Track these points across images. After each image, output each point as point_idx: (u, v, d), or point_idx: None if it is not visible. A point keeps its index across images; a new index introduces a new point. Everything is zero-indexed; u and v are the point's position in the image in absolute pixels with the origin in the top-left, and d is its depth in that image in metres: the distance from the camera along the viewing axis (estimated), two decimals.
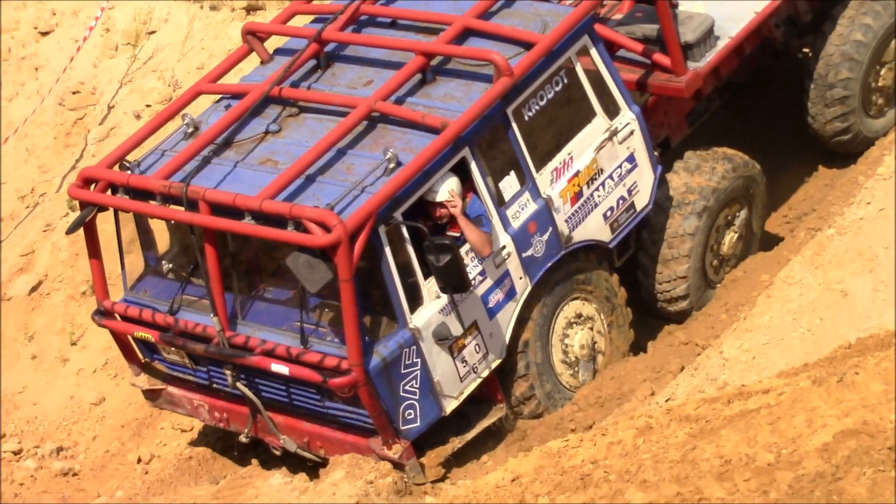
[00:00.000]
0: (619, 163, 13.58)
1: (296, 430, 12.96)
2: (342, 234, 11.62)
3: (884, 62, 15.10)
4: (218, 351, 12.64)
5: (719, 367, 13.06)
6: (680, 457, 9.53)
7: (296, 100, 13.14)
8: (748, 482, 8.97)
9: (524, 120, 12.97)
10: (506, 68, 12.58)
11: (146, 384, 13.71)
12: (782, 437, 9.28)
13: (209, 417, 13.53)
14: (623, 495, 9.29)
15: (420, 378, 12.47)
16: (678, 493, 9.09)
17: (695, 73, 14.02)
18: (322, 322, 12.49)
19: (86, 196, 13.02)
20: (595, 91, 13.40)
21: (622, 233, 13.79)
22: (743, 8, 14.45)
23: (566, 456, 10.40)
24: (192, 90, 13.91)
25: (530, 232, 13.00)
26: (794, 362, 12.19)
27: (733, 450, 9.36)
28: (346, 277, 11.72)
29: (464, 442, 12.94)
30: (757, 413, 9.76)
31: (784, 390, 10.04)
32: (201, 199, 12.25)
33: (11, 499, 14.08)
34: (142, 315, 13.15)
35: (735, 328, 13.46)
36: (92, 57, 18.65)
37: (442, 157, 12.40)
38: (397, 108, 12.68)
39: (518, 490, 10.12)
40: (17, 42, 19.44)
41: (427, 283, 12.36)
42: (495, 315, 12.89)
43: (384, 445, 12.43)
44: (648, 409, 11.87)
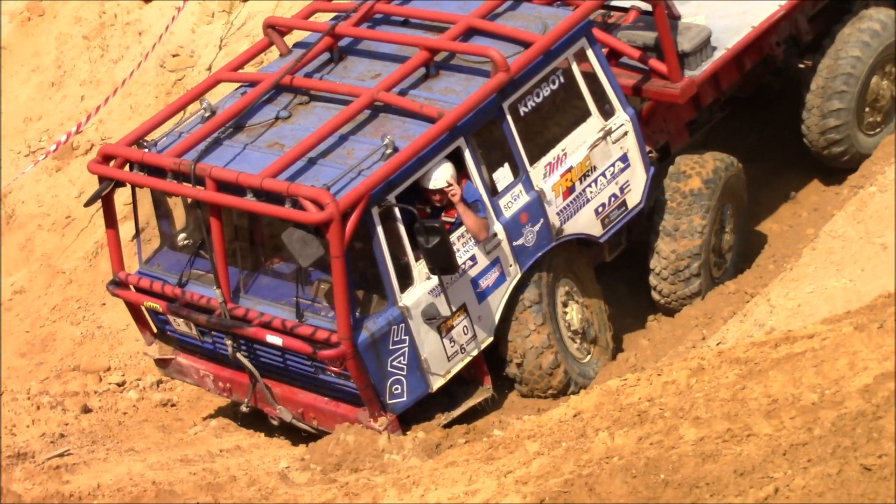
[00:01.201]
0: (612, 162, 13.44)
1: (292, 400, 12.95)
2: (335, 211, 11.62)
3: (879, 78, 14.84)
4: (219, 322, 12.68)
5: (767, 314, 13.10)
6: (730, 396, 9.49)
7: (306, 89, 13.15)
8: (794, 420, 8.92)
9: (520, 115, 12.89)
10: (502, 64, 12.57)
11: (157, 353, 13.74)
12: (826, 379, 9.22)
13: (214, 387, 13.56)
14: (677, 431, 9.26)
15: (408, 355, 12.35)
16: (728, 429, 9.05)
17: (690, 80, 13.83)
18: (317, 298, 12.47)
19: (104, 171, 13.03)
20: (591, 92, 13.29)
21: (613, 228, 13.65)
22: (741, 21, 14.24)
23: (624, 394, 10.40)
24: (212, 78, 13.99)
25: (522, 222, 12.86)
26: (836, 310, 12.19)
27: (780, 390, 9.32)
28: (337, 254, 11.72)
29: (449, 419, 12.81)
30: (802, 356, 9.71)
31: (827, 335, 9.98)
32: (208, 177, 12.26)
33: (116, 426, 14.17)
34: (152, 286, 13.19)
35: (782, 278, 13.54)
36: (190, 23, 18.78)
37: (437, 145, 12.35)
38: (398, 99, 12.68)
39: (579, 424, 10.12)
40: (123, 9, 19.64)
41: (418, 265, 12.29)
42: (485, 299, 12.77)
43: (370, 417, 12.39)
44: (701, 352, 11.86)
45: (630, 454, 9.17)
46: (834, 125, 14.66)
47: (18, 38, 20.20)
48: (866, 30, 14.61)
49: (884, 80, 14.84)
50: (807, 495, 8.07)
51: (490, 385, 13.02)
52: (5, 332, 17.49)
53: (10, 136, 19.76)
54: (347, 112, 12.54)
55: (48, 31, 20.08)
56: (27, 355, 16.63)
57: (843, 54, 14.54)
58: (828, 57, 14.61)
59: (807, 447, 8.55)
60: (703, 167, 13.96)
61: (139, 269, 13.46)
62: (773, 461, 8.55)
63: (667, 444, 9.15)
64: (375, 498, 10.12)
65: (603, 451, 9.38)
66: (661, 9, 13.60)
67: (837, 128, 14.67)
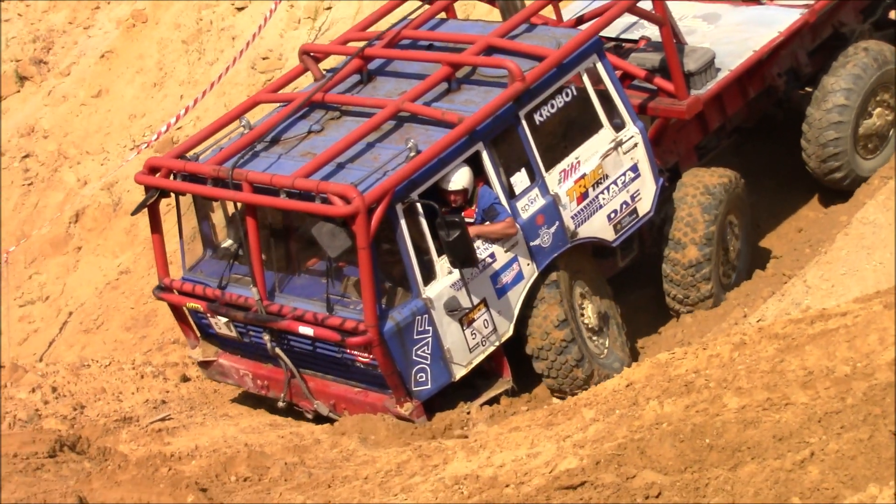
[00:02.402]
0: (623, 171, 13.27)
1: (324, 393, 12.81)
2: (360, 205, 11.55)
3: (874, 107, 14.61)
4: (255, 317, 12.57)
5: (803, 294, 13.10)
6: (770, 368, 9.46)
7: (337, 104, 13.07)
8: (828, 390, 8.88)
9: (535, 124, 12.75)
10: (519, 74, 12.47)
11: (201, 356, 13.59)
12: (858, 353, 9.18)
13: (253, 385, 13.39)
14: (721, 399, 9.24)
15: (431, 345, 12.20)
16: (768, 398, 9.03)
17: (696, 98, 13.71)
18: (346, 293, 12.35)
19: (149, 181, 12.96)
20: (602, 105, 13.13)
21: (625, 234, 13.46)
22: (744, 47, 14.11)
23: (672, 366, 10.39)
24: (252, 100, 13.87)
25: (538, 224, 12.72)
26: (867, 290, 12.18)
27: (815, 363, 9.28)
28: (363, 245, 11.62)
29: (472, 407, 12.61)
30: (836, 332, 9.67)
31: (859, 313, 9.94)
32: (244, 180, 12.21)
33: (212, 393, 14.26)
34: (195, 290, 13.07)
35: (817, 261, 13.54)
36: (278, 28, 18.88)
37: (457, 148, 12.24)
38: (421, 108, 12.59)
39: (631, 394, 10.12)
40: (218, 16, 19.77)
41: (440, 260, 12.16)
42: (504, 294, 12.58)
43: (397, 403, 12.25)
44: (742, 328, 11.84)
45: (678, 420, 9.16)
46: (833, 153, 14.43)
47: (124, 44, 20.34)
48: (859, 62, 14.38)
49: (878, 108, 14.59)
50: (840, 459, 8.04)
51: (510, 377, 12.84)
52: (112, 309, 17.64)
53: (116, 131, 19.93)
54: (374, 121, 12.46)
55: (151, 37, 20.21)
56: (132, 329, 16.79)
57: (837, 86, 14.32)
58: (824, 88, 14.39)
59: (840, 415, 8.51)
60: (708, 181, 13.76)
61: (183, 275, 13.37)
62: (808, 427, 8.53)
63: (711, 411, 9.13)
64: (446, 460, 10.15)
65: (653, 418, 9.37)
66: (667, 29, 13.48)
67: (836, 155, 14.44)
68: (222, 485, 10.79)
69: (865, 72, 14.33)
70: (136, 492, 10.50)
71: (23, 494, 10.49)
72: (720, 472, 8.38)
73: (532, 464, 9.44)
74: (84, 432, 13.00)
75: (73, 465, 12.12)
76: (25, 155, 20.45)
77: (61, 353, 17.61)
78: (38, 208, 19.83)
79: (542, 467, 9.31)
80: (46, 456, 12.26)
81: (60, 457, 12.35)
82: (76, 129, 20.39)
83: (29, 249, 19.26)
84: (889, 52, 14.57)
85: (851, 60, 14.41)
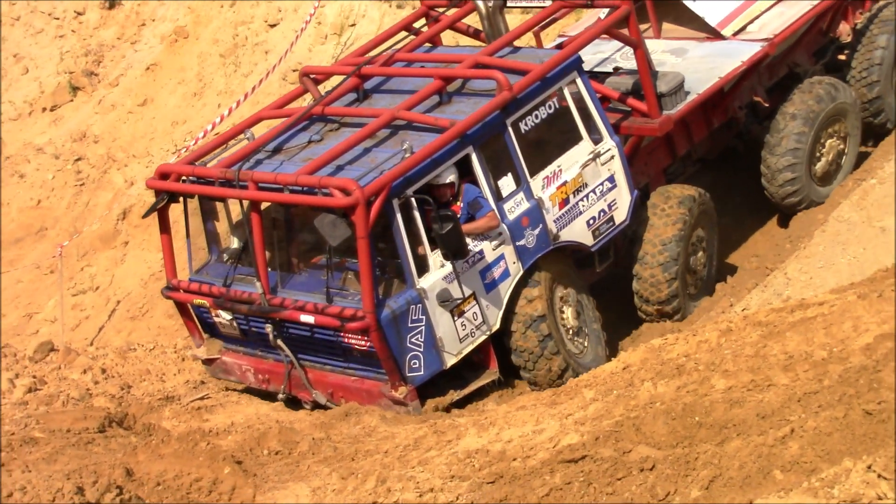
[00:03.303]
0: (600, 181, 13.02)
1: (322, 383, 12.45)
2: (360, 197, 11.32)
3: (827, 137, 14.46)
4: (259, 308, 12.24)
5: (784, 285, 13.10)
6: (753, 352, 9.46)
7: (336, 117, 12.86)
8: (807, 372, 8.87)
9: (521, 132, 12.52)
10: (506, 84, 12.28)
11: (205, 354, 13.24)
12: (834, 339, 9.17)
13: (254, 380, 13.04)
14: (709, 381, 9.23)
15: (424, 333, 11.89)
16: (752, 380, 9.02)
17: (667, 117, 13.43)
18: (344, 287, 12.04)
19: (159, 185, 12.70)
20: (582, 119, 12.91)
21: (603, 240, 13.15)
22: (711, 74, 13.85)
23: (665, 350, 10.39)
24: (256, 116, 13.59)
25: (523, 225, 12.44)
26: (842, 281, 12.17)
27: (795, 348, 9.27)
28: (362, 235, 11.38)
29: (460, 395, 12.27)
30: (814, 320, 9.66)
31: (835, 303, 9.92)
32: (250, 180, 11.96)
33: None
34: (201, 288, 12.76)
35: (797, 255, 13.54)
36: (307, 44, 18.86)
37: (449, 150, 12.01)
38: (415, 115, 12.40)
39: (628, 376, 10.11)
40: (252, 32, 19.77)
41: (433, 254, 11.89)
42: (492, 290, 12.28)
43: (392, 388, 11.90)
44: (729, 316, 11.83)
45: (670, 400, 9.15)
46: (790, 178, 14.22)
47: (167, 57, 20.37)
48: (814, 94, 14.24)
49: (830, 139, 14.42)
50: (817, 435, 8.02)
51: (496, 369, 12.46)
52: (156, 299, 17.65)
53: (160, 137, 19.95)
54: (371, 126, 12.25)
55: (191, 51, 20.23)
56: (174, 317, 16.76)
57: (794, 114, 14.15)
58: (780, 121, 14.21)
59: (817, 395, 8.50)
60: (675, 198, 13.50)
61: (190, 276, 13.04)
62: (789, 407, 8.51)
63: (700, 392, 9.12)
64: (459, 435, 10.15)
65: (647, 398, 9.37)
66: (641, 52, 13.25)
67: (793, 180, 14.23)
68: (256, 457, 10.80)
69: (819, 103, 14.17)
70: (177, 464, 10.51)
71: (76, 466, 10.51)
72: (708, 447, 8.37)
73: (537, 439, 9.44)
74: (130, 410, 13.03)
75: (121, 440, 12.14)
76: (78, 158, 20.48)
77: (110, 338, 17.64)
78: (89, 207, 19.86)
79: (546, 443, 9.31)
80: (97, 431, 12.28)
81: (109, 432, 12.37)
82: (124, 134, 20.43)
83: (81, 244, 19.30)
84: (840, 87, 14.44)
85: (807, 92, 14.27)
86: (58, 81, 20.96)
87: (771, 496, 7.34)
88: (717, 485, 8.03)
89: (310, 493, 9.85)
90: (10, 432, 12.44)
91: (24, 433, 12.29)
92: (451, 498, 8.97)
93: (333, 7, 18.99)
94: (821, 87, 14.35)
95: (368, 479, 9.68)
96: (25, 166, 20.20)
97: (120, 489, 9.65)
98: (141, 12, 21.12)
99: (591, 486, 8.49)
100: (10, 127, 20.83)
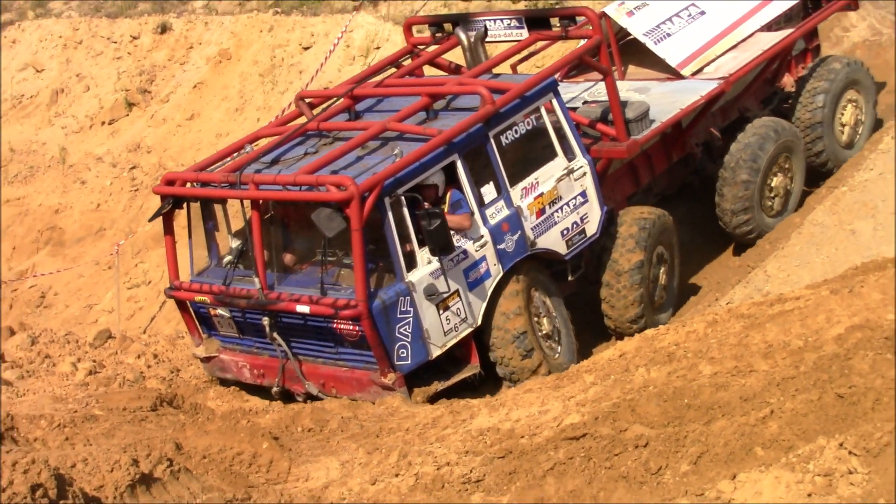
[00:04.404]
0: (574, 195, 12.68)
1: (315, 374, 12.03)
2: (355, 191, 11.06)
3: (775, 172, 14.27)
4: (257, 301, 11.86)
5: (764, 281, 13.07)
6: (737, 341, 9.44)
7: (330, 131, 12.59)
8: (784, 360, 8.85)
9: (502, 145, 12.21)
10: (489, 98, 12.08)
11: (203, 353, 12.80)
12: (809, 329, 9.15)
13: (250, 375, 12.57)
14: (697, 367, 9.21)
15: (412, 324, 11.52)
16: (735, 366, 9.00)
17: (633, 141, 13.15)
18: (337, 282, 11.65)
19: (165, 191, 12.41)
20: (557, 137, 12.63)
21: (575, 250, 12.78)
22: (673, 107, 13.62)
23: (657, 339, 10.38)
24: (254, 134, 13.31)
25: (504, 230, 12.10)
26: (817, 278, 12.14)
27: (774, 337, 9.25)
28: (356, 227, 11.09)
29: (444, 386, 11.85)
30: (791, 313, 9.64)
31: (810, 297, 9.91)
32: (251, 181, 11.70)
33: None
34: (202, 287, 12.40)
35: (775, 255, 13.51)
36: (337, 65, 18.85)
37: (436, 155, 11.75)
38: (405, 126, 12.14)
39: (624, 362, 10.10)
40: (288, 54, 19.78)
41: (421, 252, 11.58)
42: (474, 288, 11.92)
43: (381, 374, 11.52)
44: (714, 310, 11.81)
45: (662, 384, 9.14)
46: (742, 207, 14.03)
47: (212, 76, 20.40)
48: (764, 130, 14.10)
49: (778, 175, 14.26)
50: (794, 416, 8.00)
51: (478, 363, 12.03)
52: None
53: (205, 147, 19.96)
54: (364, 136, 12.00)
55: (234, 71, 20.25)
56: None
57: (743, 156, 13.96)
58: (732, 158, 14.01)
59: (794, 380, 8.48)
60: (639, 217, 13.19)
61: (191, 277, 12.63)
62: (769, 390, 8.49)
63: (689, 377, 9.11)
64: (472, 415, 10.14)
65: (641, 382, 9.35)
66: (611, 79, 13.06)
67: (745, 209, 14.04)
68: (291, 434, 10.81)
69: (766, 141, 14.02)
70: (221, 439, 10.53)
71: (131, 440, 10.53)
72: (696, 427, 8.35)
73: (542, 419, 9.43)
74: (179, 391, 13.05)
75: (171, 417, 12.16)
76: (133, 167, 20.50)
77: (161, 327, 17.66)
78: (142, 210, 19.88)
79: (550, 422, 9.31)
80: (149, 409, 12.30)
81: (160, 410, 12.39)
82: (173, 145, 20.45)
83: (135, 243, 19.34)
84: (787, 125, 14.35)
85: (758, 129, 14.13)
86: (115, 98, 20.99)
87: (752, 471, 7.33)
88: (704, 460, 8.02)
89: (339, 465, 9.85)
90: (74, 410, 12.47)
91: (86, 411, 12.32)
92: (466, 471, 8.97)
93: (360, 32, 18.99)
94: (770, 124, 14.26)
95: (391, 454, 9.69)
96: (87, 174, 20.25)
97: (170, 461, 9.66)
98: (189, 36, 21.14)
99: (590, 461, 8.48)
100: (74, 139, 20.89)
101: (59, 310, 17.63)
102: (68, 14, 23.02)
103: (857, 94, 15.10)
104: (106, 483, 9.24)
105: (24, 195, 20.37)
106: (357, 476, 9.54)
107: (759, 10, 14.78)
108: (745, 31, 14.57)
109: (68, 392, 13.72)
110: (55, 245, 19.24)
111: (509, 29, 13.70)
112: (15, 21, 23.67)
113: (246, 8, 21.03)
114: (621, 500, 8.02)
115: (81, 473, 9.35)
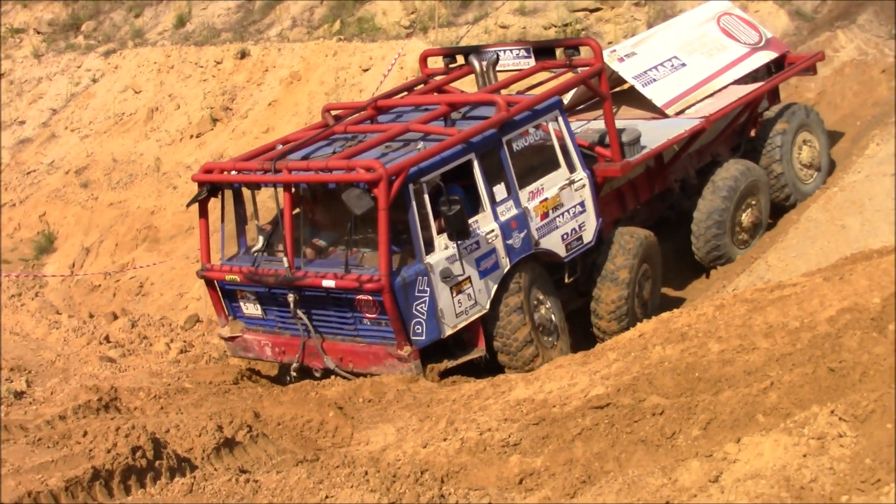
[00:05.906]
0: (573, 204, 12.38)
1: (334, 350, 11.57)
2: (383, 174, 10.76)
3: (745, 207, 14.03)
4: (284, 278, 11.41)
5: (766, 270, 13.00)
6: (741, 323, 9.38)
7: (355, 133, 12.28)
8: (783, 338, 8.80)
9: (513, 150, 11.98)
10: (504, 106, 11.89)
11: (229, 333, 12.31)
12: (804, 312, 9.08)
13: (271, 354, 12.09)
14: (706, 345, 9.17)
15: (428, 303, 11.12)
16: (740, 344, 8.96)
17: (626, 162, 12.92)
18: (360, 264, 11.26)
19: (202, 178, 12.04)
20: (561, 150, 12.40)
21: (573, 254, 12.45)
22: (661, 137, 13.41)
23: (671, 321, 10.32)
24: (284, 138, 12.96)
25: (512, 227, 11.78)
26: (811, 267, 12.06)
27: (774, 319, 9.19)
28: (383, 207, 10.73)
29: (454, 364, 11.48)
30: (789, 297, 9.58)
31: (806, 284, 9.84)
32: (285, 168, 11.39)
33: None
34: (232, 269, 11.99)
35: (775, 247, 13.45)
36: (391, 84, 18.80)
37: (455, 153, 11.44)
38: (426, 127, 11.91)
39: (642, 342, 10.05)
40: (350, 75, 19.79)
41: (439, 238, 11.24)
42: (484, 277, 11.56)
43: (398, 347, 11.11)
44: (722, 295, 11.78)
45: (676, 360, 9.11)
46: (714, 233, 13.77)
47: (285, 95, 20.45)
48: (735, 169, 13.90)
49: (747, 210, 14.01)
50: (792, 387, 7.97)
51: (484, 347, 11.66)
52: None
53: None
54: (388, 134, 11.72)
55: (303, 91, 20.29)
56: None
57: (717, 194, 13.75)
58: (706, 197, 13.80)
59: (792, 356, 8.43)
60: (628, 237, 12.90)
61: (222, 261, 12.25)
62: (769, 365, 8.45)
63: (700, 353, 9.07)
64: (511, 388, 10.13)
65: (658, 358, 9.32)
66: (608, 104, 12.89)
67: (717, 246, 13.82)
68: (353, 404, 10.83)
69: (737, 181, 13.80)
70: (293, 408, 10.58)
71: (216, 409, 10.60)
72: (706, 397, 8.32)
73: (571, 391, 9.43)
74: (257, 367, 13.12)
75: (250, 390, 12.24)
76: None
77: None
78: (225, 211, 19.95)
79: (578, 393, 9.30)
80: (232, 383, 12.38)
81: (241, 384, 12.47)
82: None
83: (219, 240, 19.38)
84: (754, 166, 14.16)
85: (730, 168, 13.94)
86: (202, 115, 21.10)
87: (755, 435, 7.29)
88: (712, 426, 7.99)
89: (395, 431, 9.88)
90: (167, 383, 12.59)
91: (177, 384, 12.43)
92: (505, 436, 8.98)
93: (413, 55, 18.96)
94: (740, 164, 14.08)
95: (440, 421, 9.70)
96: (178, 180, 20.36)
97: (250, 427, 9.73)
98: (265, 61, 21.21)
99: (613, 427, 8.47)
100: (167, 150, 21.00)
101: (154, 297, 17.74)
102: (162, 43, 23.20)
103: (810, 135, 14.89)
104: (195, 446, 9.33)
105: (125, 199, 20.56)
106: (410, 440, 9.56)
107: (732, 66, 14.70)
108: (721, 82, 14.50)
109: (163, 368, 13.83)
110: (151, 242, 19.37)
111: (518, 59, 13.53)
112: (117, 49, 23.88)
113: (314, 36, 21.10)
114: (640, 460, 8.01)
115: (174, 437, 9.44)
